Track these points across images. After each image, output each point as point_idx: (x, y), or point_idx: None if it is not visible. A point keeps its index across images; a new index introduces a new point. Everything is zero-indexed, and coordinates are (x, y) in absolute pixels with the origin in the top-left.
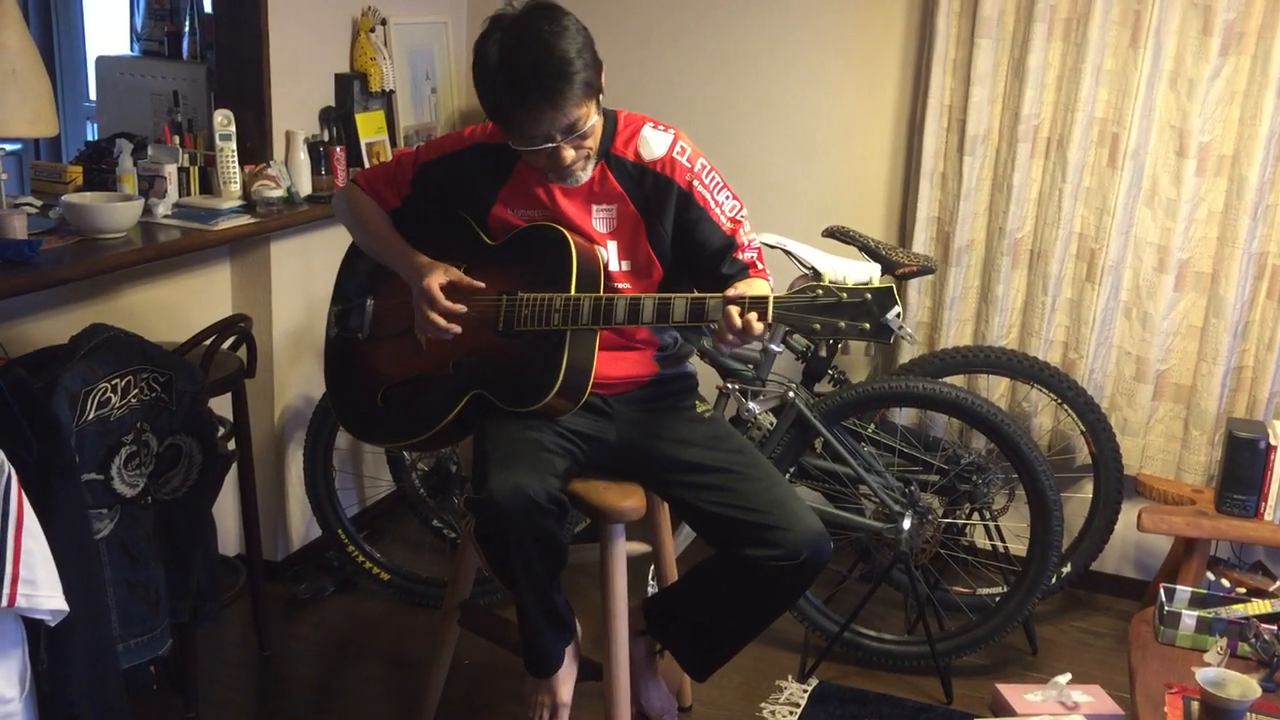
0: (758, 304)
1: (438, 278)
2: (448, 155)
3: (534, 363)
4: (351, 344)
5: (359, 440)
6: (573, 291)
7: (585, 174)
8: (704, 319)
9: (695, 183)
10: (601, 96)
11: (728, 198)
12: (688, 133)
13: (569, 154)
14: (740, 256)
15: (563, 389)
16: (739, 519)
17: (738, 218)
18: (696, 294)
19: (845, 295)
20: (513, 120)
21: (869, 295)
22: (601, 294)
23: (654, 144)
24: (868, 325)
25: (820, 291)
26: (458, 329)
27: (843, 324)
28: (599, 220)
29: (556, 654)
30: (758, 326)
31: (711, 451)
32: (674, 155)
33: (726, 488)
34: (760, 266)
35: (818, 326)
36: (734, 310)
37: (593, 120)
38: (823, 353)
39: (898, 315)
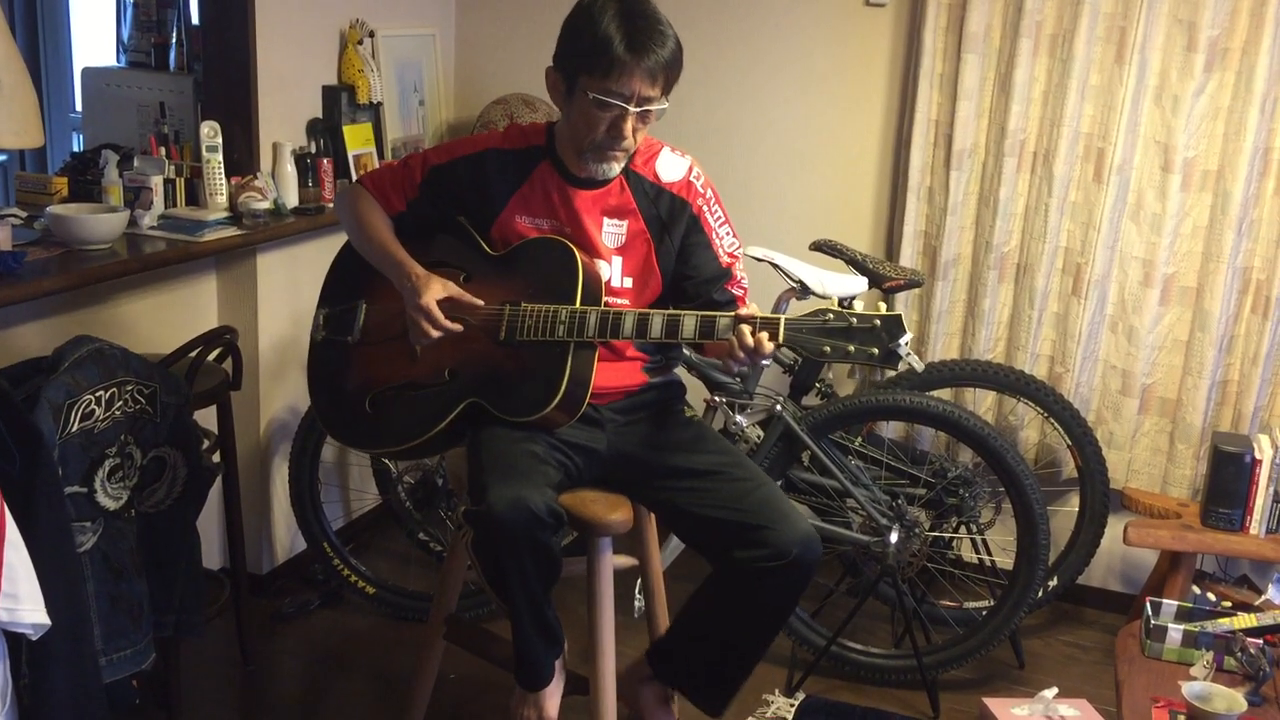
0: (769, 324)
1: (435, 292)
2: (460, 159)
3: (534, 373)
4: (339, 347)
5: (344, 446)
6: (578, 305)
7: (617, 168)
8: (713, 337)
9: (705, 209)
10: (677, 80)
11: (728, 233)
12: (677, 145)
13: (629, 129)
14: (731, 289)
15: (563, 401)
16: (726, 520)
17: (735, 253)
18: (706, 312)
19: (855, 320)
20: (611, 68)
21: (878, 321)
22: (608, 307)
23: (672, 167)
24: (876, 351)
25: (831, 315)
26: (458, 327)
27: (852, 348)
28: (609, 235)
29: (547, 667)
30: (768, 346)
31: (698, 455)
32: (690, 179)
33: (713, 489)
34: (748, 304)
35: (827, 349)
36: (746, 329)
37: (661, 107)
38: (829, 375)
39: (907, 342)
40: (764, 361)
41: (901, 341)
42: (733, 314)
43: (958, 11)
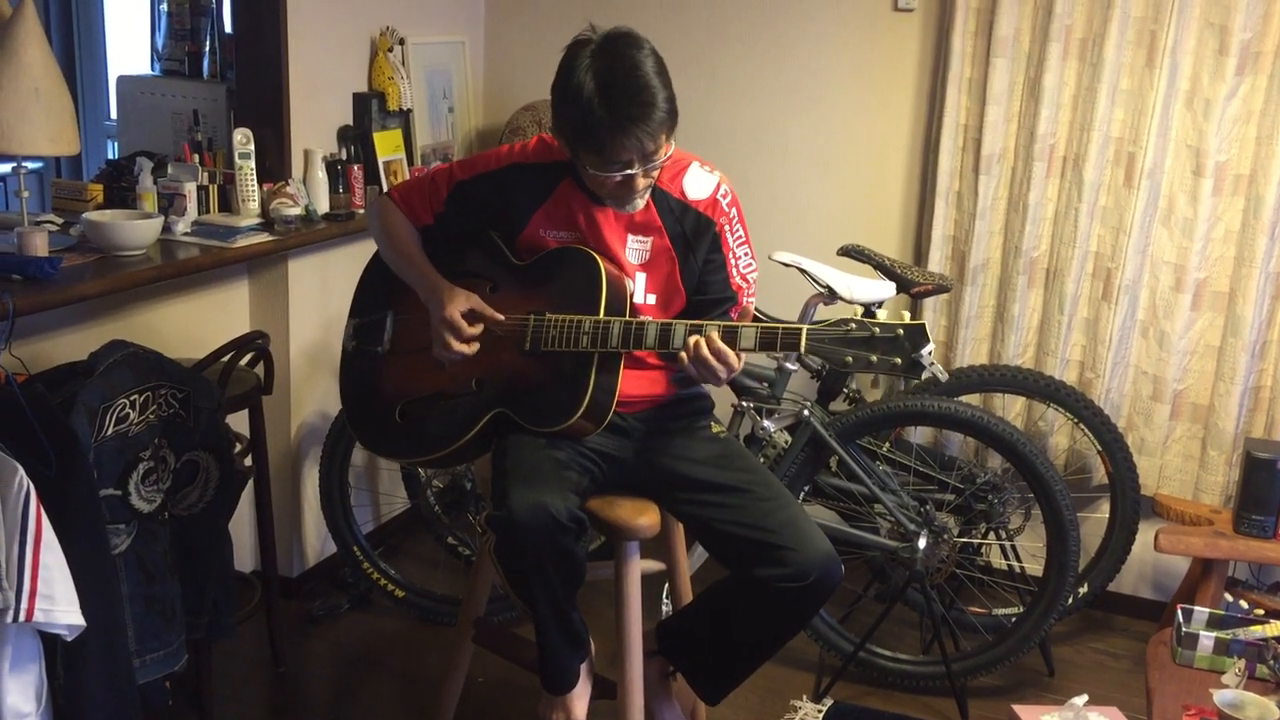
0: (791, 334)
1: (459, 305)
2: (485, 174)
3: (559, 383)
4: (370, 358)
5: (374, 455)
6: (602, 315)
7: (642, 201)
8: (736, 346)
9: (727, 228)
10: (676, 125)
11: (746, 254)
12: (702, 152)
13: (641, 182)
14: (732, 314)
15: (588, 411)
16: (749, 538)
17: (748, 277)
18: (728, 323)
19: (878, 330)
20: (601, 145)
21: (901, 331)
22: (632, 318)
23: (700, 184)
24: (899, 360)
25: (853, 325)
26: (474, 348)
27: (875, 358)
28: (632, 251)
29: (572, 671)
30: (732, 359)
31: (723, 470)
32: (718, 197)
33: (737, 506)
34: None
35: (850, 359)
36: (701, 340)
37: (669, 150)
38: (852, 384)
39: (930, 352)
40: (791, 367)
41: (924, 351)
42: (758, 324)
43: (986, 16)
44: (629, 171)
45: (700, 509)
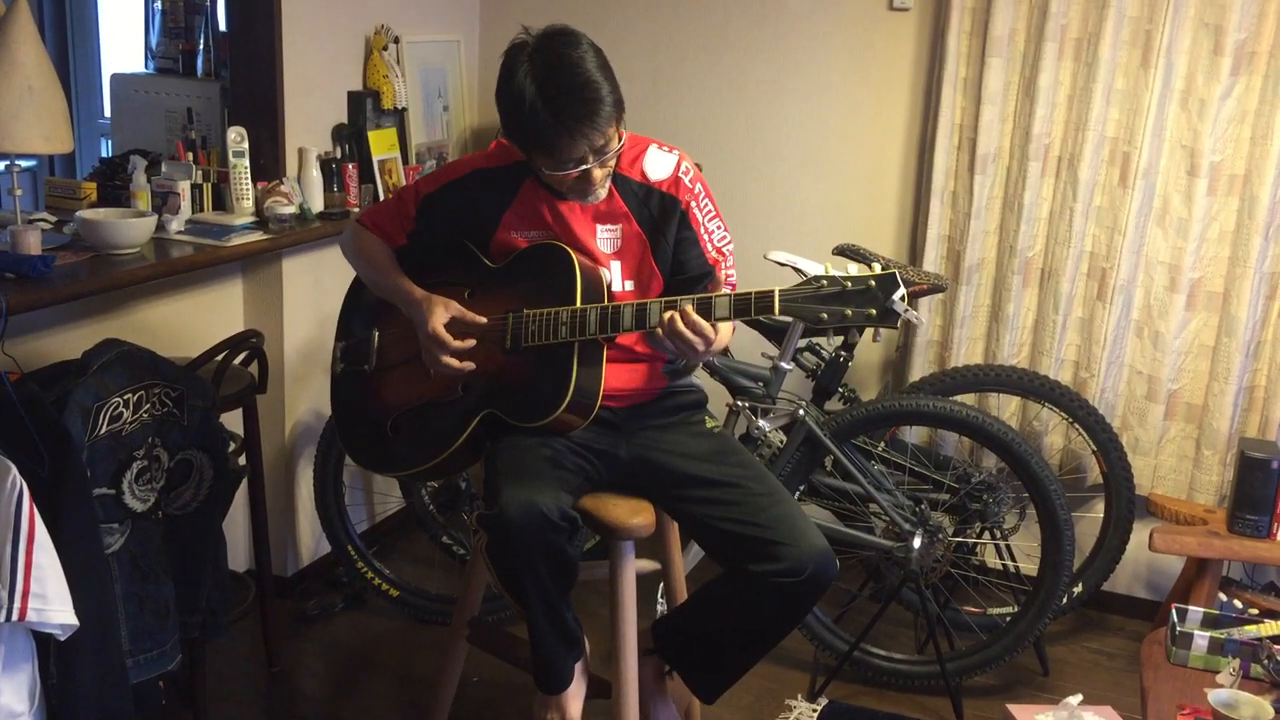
0: (764, 297)
1: (440, 317)
2: (449, 184)
3: (544, 377)
4: (358, 377)
5: (372, 473)
6: (578, 304)
7: (604, 192)
8: (711, 317)
9: (693, 204)
10: (623, 115)
11: (718, 227)
12: (698, 151)
13: (598, 174)
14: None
15: (573, 403)
16: (744, 534)
17: (724, 250)
18: (702, 294)
19: (850, 284)
20: (551, 146)
21: (873, 282)
22: (607, 303)
23: (660, 164)
24: (874, 311)
25: (825, 282)
26: (471, 366)
27: (849, 311)
28: (604, 241)
29: (566, 670)
30: (710, 331)
31: (718, 466)
32: (679, 175)
33: (732, 502)
34: None
35: (825, 316)
36: (677, 315)
37: (622, 139)
38: (836, 340)
39: (903, 298)
40: (786, 366)
41: (896, 297)
42: (729, 293)
43: (982, 15)
44: (584, 167)
45: (694, 505)
